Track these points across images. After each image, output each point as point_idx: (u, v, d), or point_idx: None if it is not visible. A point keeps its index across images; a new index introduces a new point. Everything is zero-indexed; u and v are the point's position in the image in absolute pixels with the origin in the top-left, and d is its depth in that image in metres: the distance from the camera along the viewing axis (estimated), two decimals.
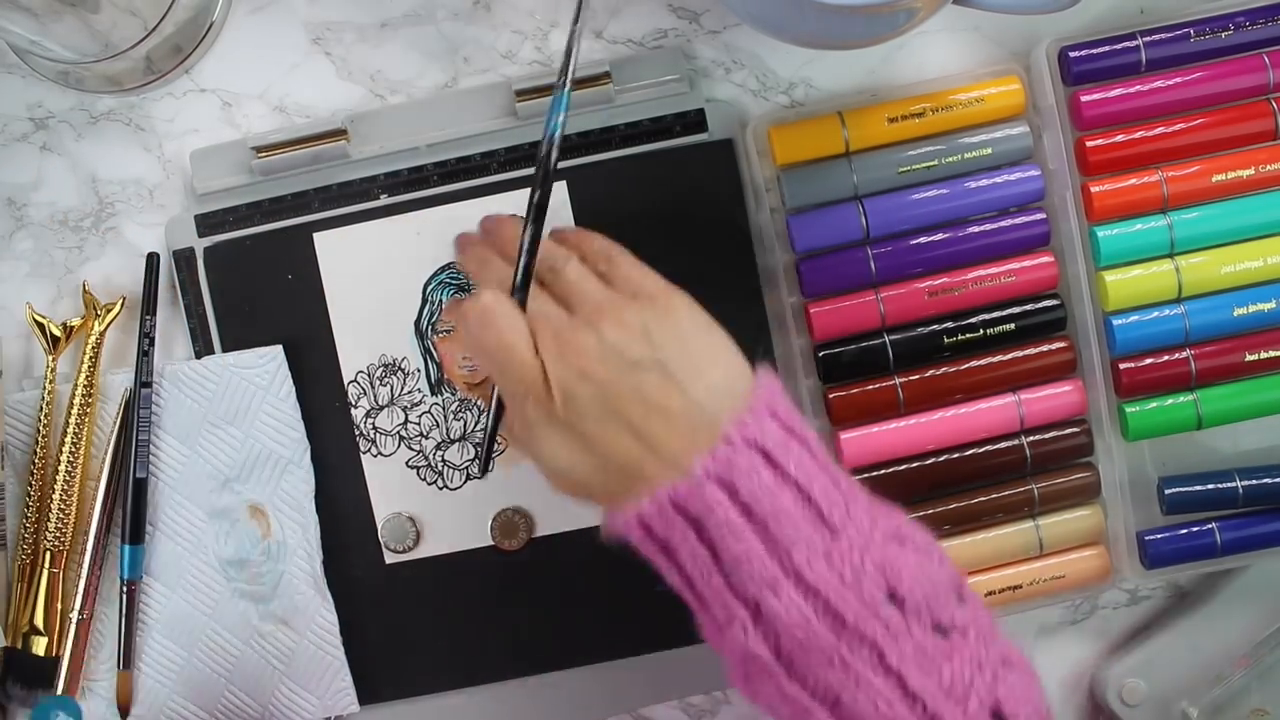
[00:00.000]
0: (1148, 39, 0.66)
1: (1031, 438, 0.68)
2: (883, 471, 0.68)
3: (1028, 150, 0.67)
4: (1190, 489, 0.67)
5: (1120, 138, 0.66)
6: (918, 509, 0.68)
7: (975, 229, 0.67)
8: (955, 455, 0.68)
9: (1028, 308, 0.67)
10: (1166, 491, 0.67)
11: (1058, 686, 0.71)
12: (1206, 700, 0.68)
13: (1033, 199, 0.67)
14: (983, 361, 0.67)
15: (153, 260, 0.69)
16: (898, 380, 0.67)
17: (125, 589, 0.68)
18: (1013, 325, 0.67)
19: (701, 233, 0.68)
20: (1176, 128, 0.66)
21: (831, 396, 0.68)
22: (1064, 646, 0.71)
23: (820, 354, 0.68)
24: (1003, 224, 0.67)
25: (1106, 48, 0.66)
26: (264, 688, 0.69)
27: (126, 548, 0.68)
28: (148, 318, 0.69)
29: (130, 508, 0.68)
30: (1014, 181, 0.66)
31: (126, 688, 0.69)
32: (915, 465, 0.68)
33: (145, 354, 0.68)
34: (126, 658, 0.69)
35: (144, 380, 0.68)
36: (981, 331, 0.67)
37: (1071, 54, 0.66)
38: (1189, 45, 0.66)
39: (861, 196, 0.67)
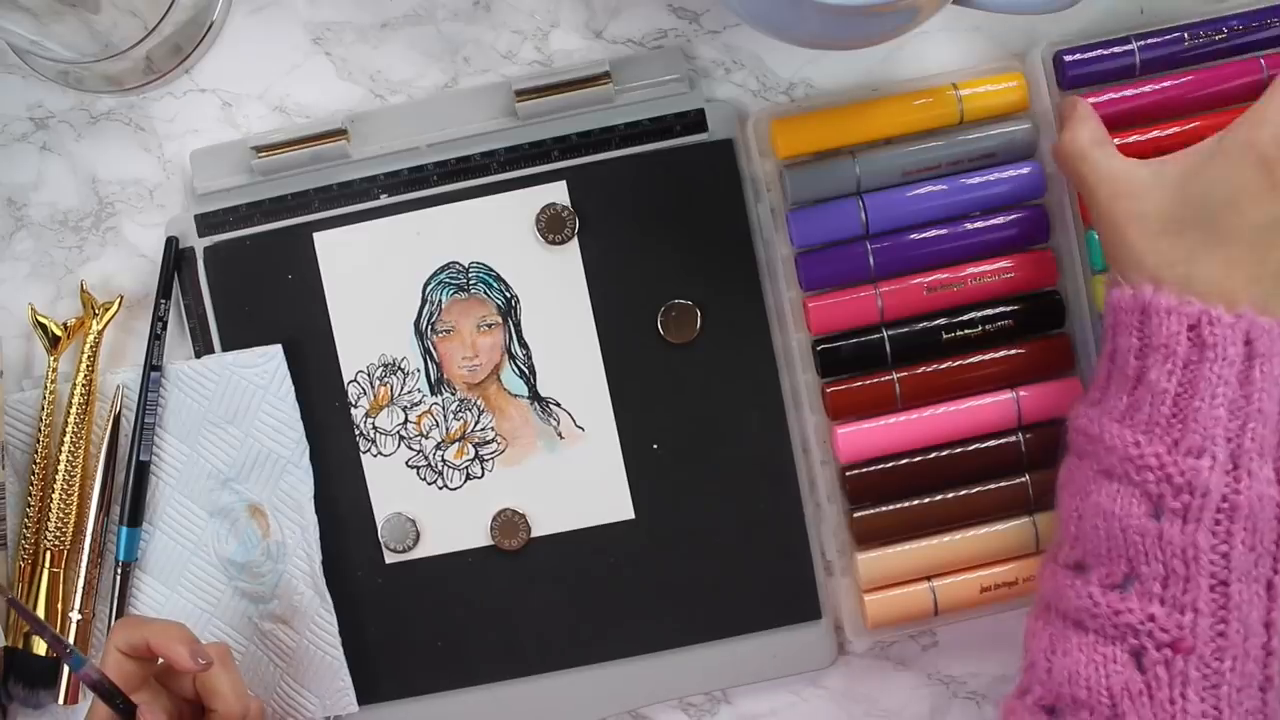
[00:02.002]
0: (1142, 42, 0.66)
1: (1028, 434, 0.68)
2: (879, 466, 0.68)
3: (1031, 145, 0.67)
4: None
5: (1115, 141, 0.66)
6: (913, 503, 0.68)
7: (974, 225, 0.67)
8: (952, 451, 0.68)
9: (1026, 304, 0.67)
10: None
11: None
12: None
13: (1033, 195, 0.67)
14: (980, 357, 0.67)
15: (171, 244, 0.69)
16: (895, 375, 0.67)
17: (120, 570, 0.68)
18: (1011, 321, 0.67)
19: (701, 233, 0.69)
20: (1171, 131, 0.66)
21: (829, 391, 0.68)
22: None
23: (818, 348, 0.68)
24: (1002, 220, 0.67)
25: (1101, 51, 0.66)
26: (264, 687, 0.69)
27: (124, 529, 0.68)
28: (162, 301, 0.69)
29: (130, 490, 0.68)
30: (1014, 178, 0.67)
31: None
32: (912, 460, 0.68)
33: (158, 338, 0.68)
34: None
35: (154, 364, 0.68)
36: (980, 327, 0.67)
37: (1066, 58, 0.66)
38: (1184, 48, 0.66)
39: (863, 192, 0.67)
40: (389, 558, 0.70)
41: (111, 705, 0.59)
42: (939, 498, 0.68)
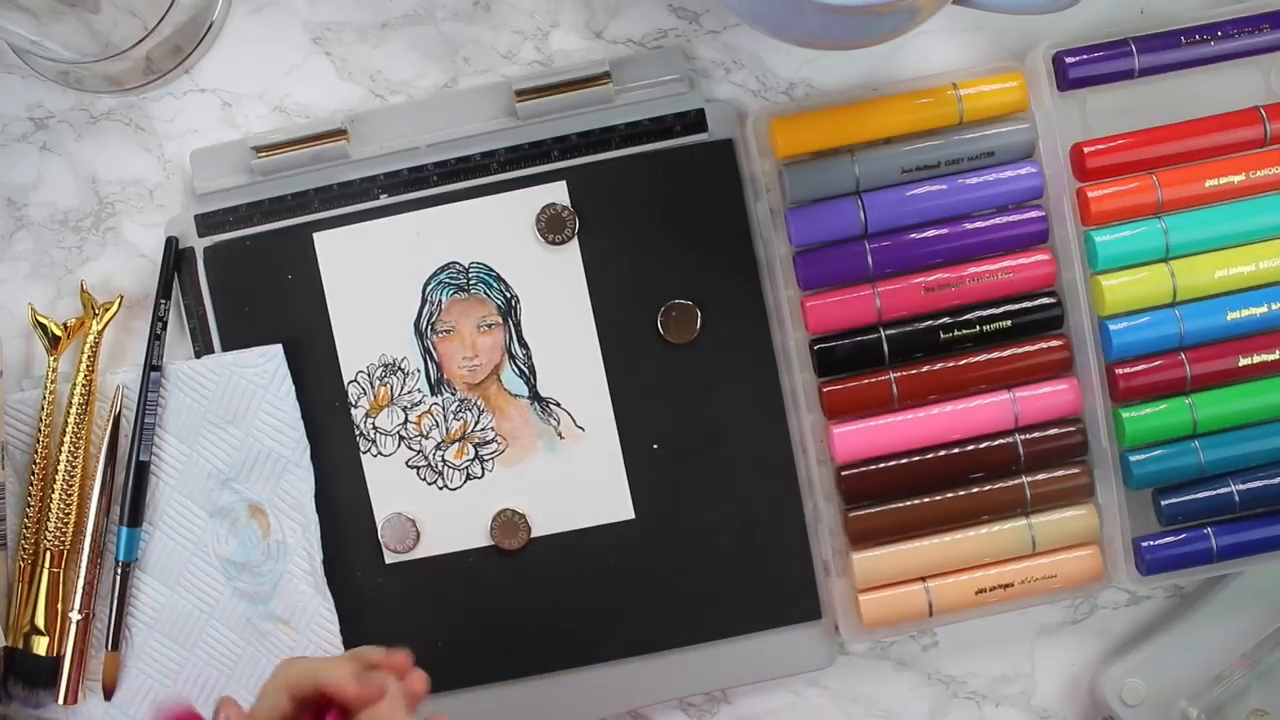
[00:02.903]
0: (1140, 44, 0.66)
1: (1025, 435, 0.68)
2: (875, 466, 0.68)
3: (1030, 146, 0.67)
4: (1186, 497, 0.67)
5: (1116, 142, 0.66)
6: (909, 504, 0.68)
7: (973, 225, 0.67)
8: (948, 451, 0.68)
9: (1024, 305, 0.67)
10: (1163, 502, 0.67)
11: (1058, 687, 0.71)
12: (1206, 700, 0.68)
13: (1031, 196, 0.67)
14: (978, 358, 0.67)
15: (171, 244, 0.69)
16: (892, 375, 0.67)
17: (119, 570, 0.68)
18: (1009, 322, 0.67)
19: (701, 233, 0.69)
20: (1172, 143, 0.66)
21: (825, 390, 0.68)
22: (1064, 646, 0.71)
23: (814, 347, 0.68)
24: (1001, 220, 0.67)
25: (1101, 53, 0.66)
26: None
27: (124, 529, 0.68)
28: (162, 301, 0.69)
29: (130, 490, 0.68)
30: (1012, 178, 0.67)
31: (113, 669, 0.69)
32: (908, 460, 0.68)
33: (158, 338, 0.68)
34: (115, 639, 0.69)
35: (154, 364, 0.68)
36: (978, 328, 0.67)
37: (1067, 59, 0.66)
38: (1181, 52, 0.66)
39: (862, 191, 0.67)
40: (389, 558, 0.70)
41: None
42: (935, 498, 0.68)
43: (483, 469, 0.69)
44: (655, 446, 0.69)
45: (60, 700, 0.68)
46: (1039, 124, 0.67)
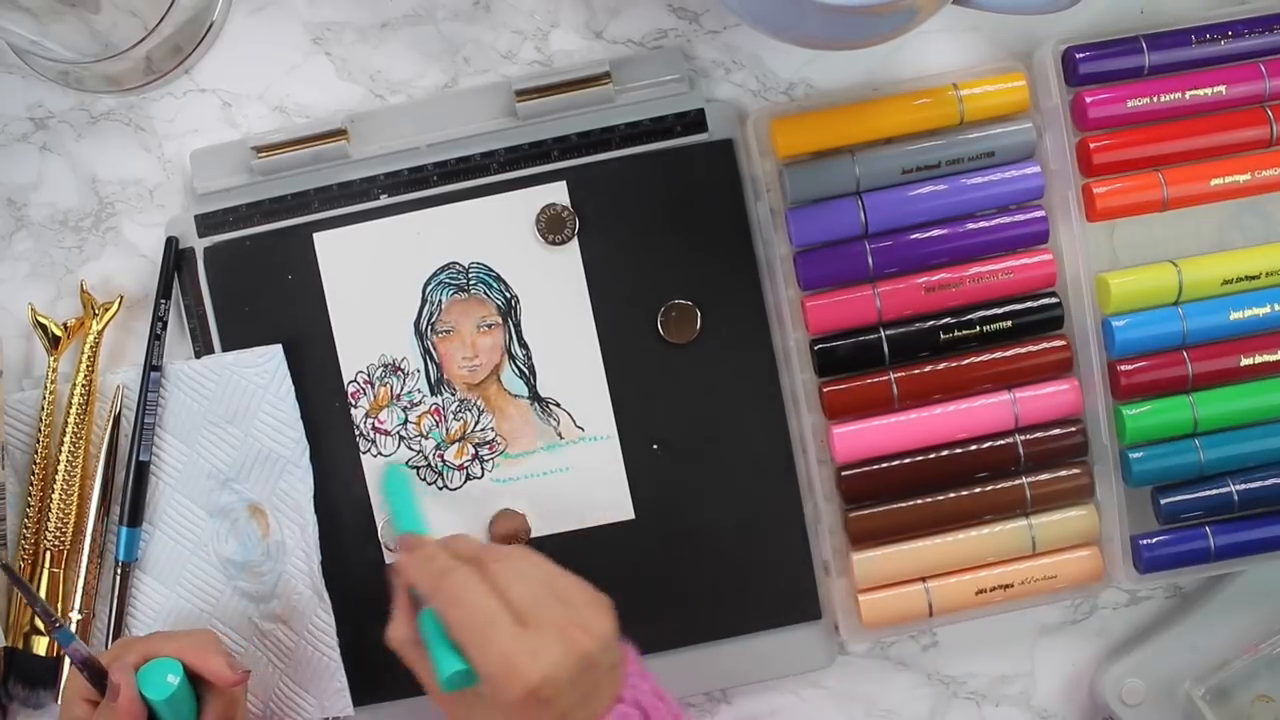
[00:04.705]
0: (1151, 42, 0.66)
1: (1025, 436, 0.68)
2: (875, 466, 0.68)
3: (1030, 146, 0.67)
4: (1185, 496, 0.67)
5: (1122, 140, 0.66)
6: (909, 504, 0.68)
7: (974, 225, 0.67)
8: (948, 452, 0.68)
9: (1025, 305, 0.67)
10: (1162, 500, 0.67)
11: (1058, 686, 0.71)
12: (1211, 683, 0.68)
13: (1033, 196, 0.67)
14: (979, 358, 0.67)
15: (171, 244, 0.69)
16: (892, 375, 0.67)
17: (119, 570, 0.68)
18: (1010, 323, 0.67)
19: (701, 233, 0.68)
20: (1178, 141, 0.66)
21: (826, 390, 0.68)
22: (1064, 646, 0.71)
23: (815, 347, 0.68)
24: (1002, 221, 0.67)
25: (1112, 50, 0.66)
26: (265, 685, 0.69)
27: (124, 529, 0.68)
28: (162, 301, 0.69)
29: (130, 490, 0.68)
30: (1014, 179, 0.67)
31: None
32: (908, 460, 0.68)
33: (158, 338, 0.68)
34: (115, 638, 0.69)
35: (154, 364, 0.68)
36: (978, 328, 0.67)
37: (1078, 55, 0.66)
38: (1191, 51, 0.66)
39: (862, 191, 0.67)
40: (389, 558, 0.70)
41: (97, 685, 0.59)
42: (935, 498, 0.68)
43: (483, 469, 0.69)
44: (655, 446, 0.69)
45: (60, 700, 0.68)
46: (1046, 119, 0.67)
